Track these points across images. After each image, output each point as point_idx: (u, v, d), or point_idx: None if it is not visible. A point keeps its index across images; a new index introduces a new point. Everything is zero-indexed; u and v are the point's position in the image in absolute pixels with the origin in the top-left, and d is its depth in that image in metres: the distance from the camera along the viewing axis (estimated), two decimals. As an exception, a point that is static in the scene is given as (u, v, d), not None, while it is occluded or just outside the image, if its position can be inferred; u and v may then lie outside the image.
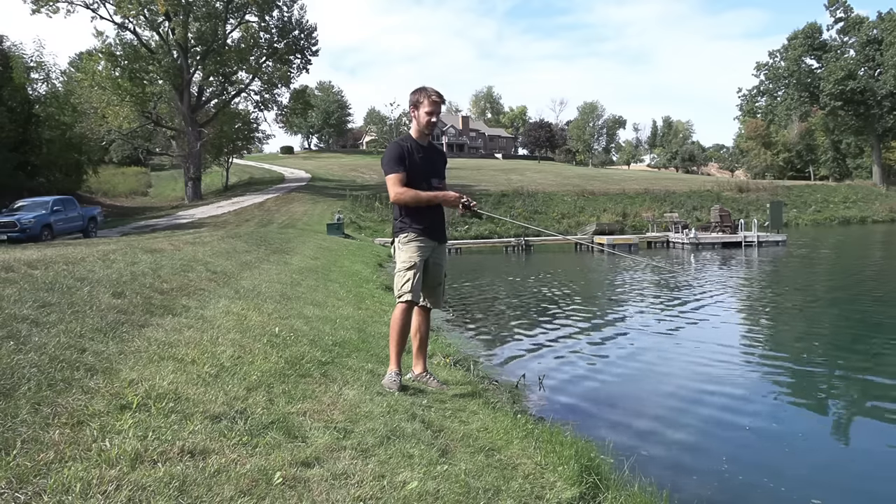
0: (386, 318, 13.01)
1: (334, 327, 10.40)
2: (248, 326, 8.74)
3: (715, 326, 17.53)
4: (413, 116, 7.87)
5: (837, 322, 18.05)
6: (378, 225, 52.80)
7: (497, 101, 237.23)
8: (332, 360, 7.93)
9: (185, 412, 4.99)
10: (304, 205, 60.97)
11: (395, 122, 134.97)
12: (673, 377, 12.17)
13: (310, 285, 15.62)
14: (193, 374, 6.03)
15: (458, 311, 20.26)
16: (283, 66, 72.40)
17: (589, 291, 25.90)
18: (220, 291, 11.46)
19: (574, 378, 12.08)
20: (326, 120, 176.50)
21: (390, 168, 7.63)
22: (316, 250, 27.38)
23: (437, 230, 8.05)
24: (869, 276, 29.55)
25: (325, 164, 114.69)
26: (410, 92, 7.87)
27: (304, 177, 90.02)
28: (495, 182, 80.00)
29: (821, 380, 11.90)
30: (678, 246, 47.35)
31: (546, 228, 60.01)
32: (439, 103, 7.81)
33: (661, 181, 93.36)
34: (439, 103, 7.81)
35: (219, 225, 44.80)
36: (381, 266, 27.19)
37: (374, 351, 9.31)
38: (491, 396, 8.80)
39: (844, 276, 29.21)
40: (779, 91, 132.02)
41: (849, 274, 30.34)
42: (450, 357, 10.75)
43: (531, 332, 16.77)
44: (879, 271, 31.49)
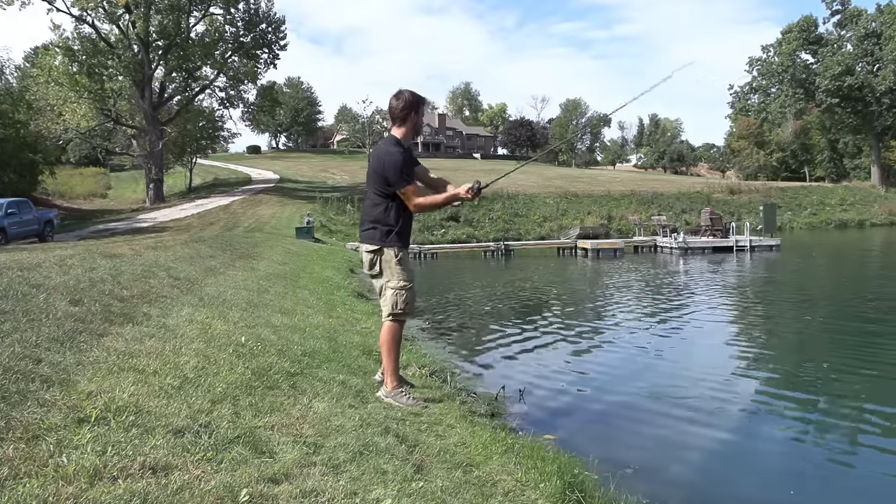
0: (358, 327, 13.04)
1: (304, 336, 10.38)
2: (213, 336, 8.71)
3: (704, 337, 17.64)
4: (409, 119, 8.12)
5: (833, 334, 18.01)
6: (350, 228, 52.60)
7: (475, 97, 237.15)
8: (301, 371, 7.93)
9: (147, 426, 4.98)
10: (272, 207, 60.81)
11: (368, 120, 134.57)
12: (660, 390, 12.19)
13: (278, 292, 15.59)
14: (155, 385, 6.01)
15: (435, 319, 20.27)
16: (249, 61, 72.33)
17: (572, 299, 25.90)
18: (183, 299, 11.42)
19: (557, 390, 12.13)
20: (295, 118, 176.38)
21: (407, 178, 7.87)
22: (284, 255, 27.32)
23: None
24: (867, 282, 29.50)
25: (294, 164, 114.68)
26: (409, 93, 8.16)
27: (272, 178, 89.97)
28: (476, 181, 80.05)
29: (813, 396, 11.94)
30: (666, 251, 47.20)
31: (527, 233, 60.06)
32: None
33: (648, 182, 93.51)
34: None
35: (182, 228, 44.61)
36: (352, 272, 27.12)
37: (345, 361, 9.32)
38: (469, 408, 8.82)
39: (841, 284, 29.10)
40: (772, 88, 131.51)
41: (845, 281, 30.24)
42: (425, 368, 10.74)
43: (511, 342, 16.82)
44: (878, 278, 31.45)
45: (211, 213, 56.58)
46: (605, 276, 33.31)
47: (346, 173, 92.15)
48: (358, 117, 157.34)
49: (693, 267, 36.90)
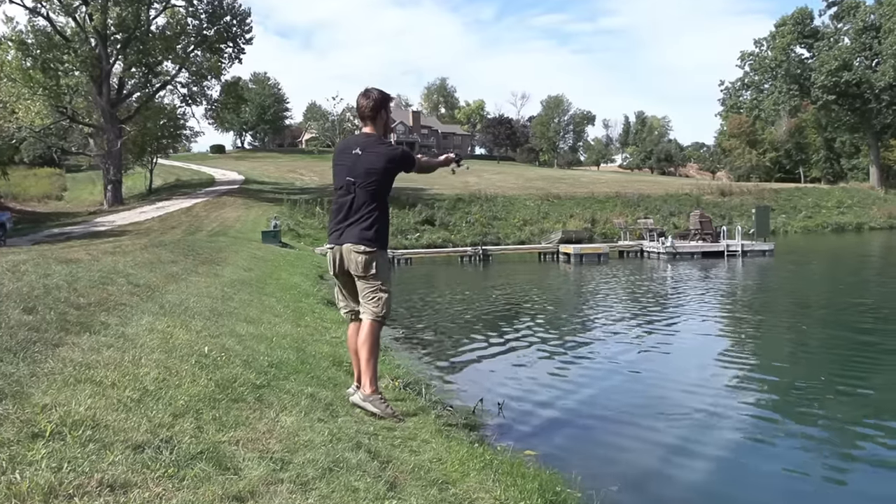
0: (328, 336, 13.02)
1: (270, 346, 10.37)
2: (175, 345, 8.68)
3: (693, 347, 17.66)
4: (380, 117, 8.50)
5: (830, 344, 17.99)
6: (319, 232, 52.47)
7: (452, 94, 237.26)
8: (267, 383, 7.90)
9: (105, 441, 4.96)
10: (237, 210, 60.69)
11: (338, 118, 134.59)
12: (646, 403, 12.23)
13: (243, 300, 15.56)
14: (113, 398, 5.99)
15: (409, 328, 20.29)
16: (213, 55, 72.14)
17: (554, 307, 25.96)
18: (143, 306, 11.38)
19: (538, 403, 12.14)
20: (261, 115, 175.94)
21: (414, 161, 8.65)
22: (250, 260, 27.28)
23: None
24: (866, 290, 29.30)
25: (260, 164, 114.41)
26: (378, 91, 8.52)
27: (237, 179, 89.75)
28: (450, 185, 79.82)
29: (808, 410, 11.88)
30: (653, 256, 47.30)
31: (506, 237, 60.10)
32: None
33: (634, 184, 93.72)
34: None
35: (142, 232, 44.48)
36: (321, 278, 27.06)
37: (314, 373, 9.30)
38: (444, 423, 8.83)
39: (838, 291, 28.81)
40: (765, 84, 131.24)
41: (843, 288, 29.98)
42: (399, 379, 10.73)
43: (490, 352, 16.85)
44: (878, 285, 31.31)
45: (172, 216, 56.42)
46: (588, 282, 33.41)
47: (315, 174, 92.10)
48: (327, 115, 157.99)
49: (682, 273, 37.11)
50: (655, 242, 48.71)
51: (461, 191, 73.16)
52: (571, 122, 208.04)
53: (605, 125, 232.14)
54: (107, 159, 68.03)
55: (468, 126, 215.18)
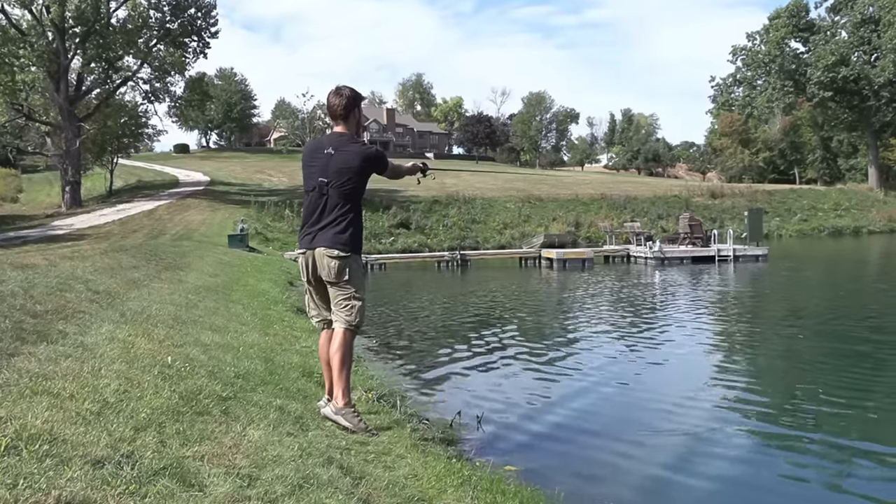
0: (298, 346, 13.02)
1: (237, 356, 10.36)
2: (136, 355, 8.66)
3: (682, 358, 17.60)
4: (352, 115, 8.60)
5: (827, 356, 17.71)
6: (289, 236, 52.39)
7: (428, 90, 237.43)
8: (234, 395, 7.89)
9: (63, 456, 4.94)
10: (202, 213, 60.56)
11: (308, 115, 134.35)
12: (633, 417, 12.24)
13: (208, 307, 15.54)
14: (72, 411, 5.96)
15: (383, 337, 20.26)
16: (176, 49, 71.97)
17: (536, 315, 25.99)
18: (103, 314, 11.36)
19: (518, 416, 12.14)
20: (227, 113, 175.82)
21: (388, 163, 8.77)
22: (215, 266, 27.24)
23: None
24: (865, 298, 28.95)
25: (227, 164, 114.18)
26: (349, 89, 8.66)
27: (202, 180, 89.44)
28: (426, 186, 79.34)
29: (801, 426, 11.73)
30: (640, 261, 47.19)
31: (485, 241, 60.14)
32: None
33: (620, 185, 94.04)
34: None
35: (102, 236, 44.37)
36: (291, 285, 27.04)
37: (283, 384, 9.30)
38: (420, 437, 8.83)
39: (836, 299, 28.62)
40: (758, 80, 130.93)
41: (842, 295, 29.78)
42: (373, 391, 10.72)
43: (468, 363, 16.82)
44: (878, 293, 30.85)
45: (134, 219, 56.28)
46: (572, 289, 33.46)
47: (284, 175, 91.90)
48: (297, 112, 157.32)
49: (670, 279, 37.08)
50: (643, 247, 48.48)
51: (438, 193, 72.96)
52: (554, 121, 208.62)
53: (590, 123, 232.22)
54: (65, 159, 67.68)
55: (445, 124, 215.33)
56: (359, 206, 8.41)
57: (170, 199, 68.65)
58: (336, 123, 8.58)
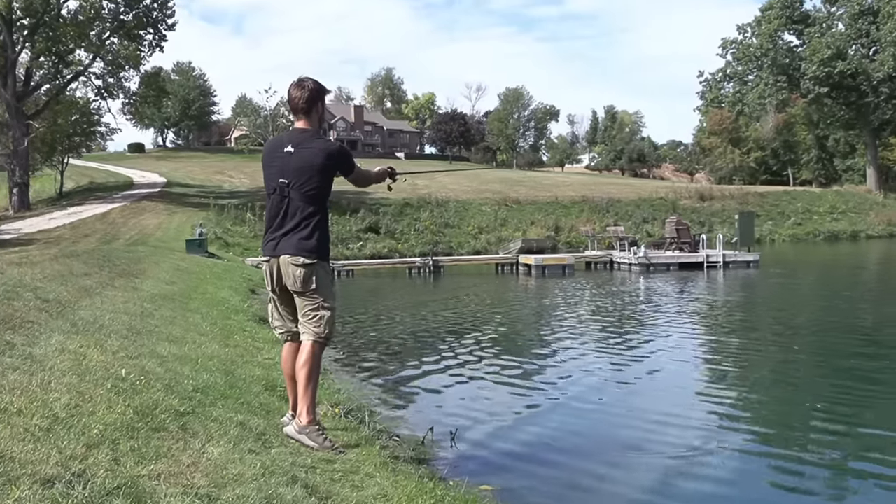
0: (260, 358, 13.01)
1: (195, 369, 10.34)
2: (88, 368, 8.63)
3: (667, 371, 17.54)
4: (315, 110, 8.45)
5: (821, 374, 17.39)
6: (250, 241, 52.31)
7: (398, 86, 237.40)
8: (192, 410, 7.87)
9: (10, 475, 4.93)
10: (158, 216, 60.36)
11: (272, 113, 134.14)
12: (614, 434, 12.30)
13: (165, 317, 15.50)
14: (20, 427, 5.95)
15: (351, 348, 20.25)
16: (131, 42, 71.68)
17: (513, 325, 26.08)
18: (52, 324, 11.32)
19: (494, 433, 12.14)
20: (185, 110, 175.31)
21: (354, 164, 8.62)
22: (173, 273, 27.17)
23: None
24: (863, 308, 28.84)
25: (184, 165, 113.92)
26: (312, 81, 8.50)
27: (158, 181, 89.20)
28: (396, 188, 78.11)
29: (788, 446, 11.67)
30: (624, 267, 47.18)
31: (459, 246, 60.14)
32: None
33: (602, 186, 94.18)
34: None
35: (51, 241, 44.15)
36: (253, 293, 27.00)
37: (244, 398, 9.30)
38: (390, 455, 8.84)
39: (832, 310, 28.31)
40: (750, 75, 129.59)
41: (838, 306, 29.33)
42: (339, 406, 10.71)
43: (441, 376, 16.85)
44: (877, 303, 30.57)
45: (86, 222, 55.95)
46: (551, 297, 33.49)
47: (245, 175, 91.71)
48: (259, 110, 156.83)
49: (656, 287, 37.16)
50: (626, 252, 48.35)
51: (409, 195, 72.87)
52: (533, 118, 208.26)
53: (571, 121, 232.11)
54: (12, 159, 67.25)
55: (417, 122, 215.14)
56: (325, 208, 8.27)
57: (124, 202, 68.36)
58: (297, 118, 8.45)
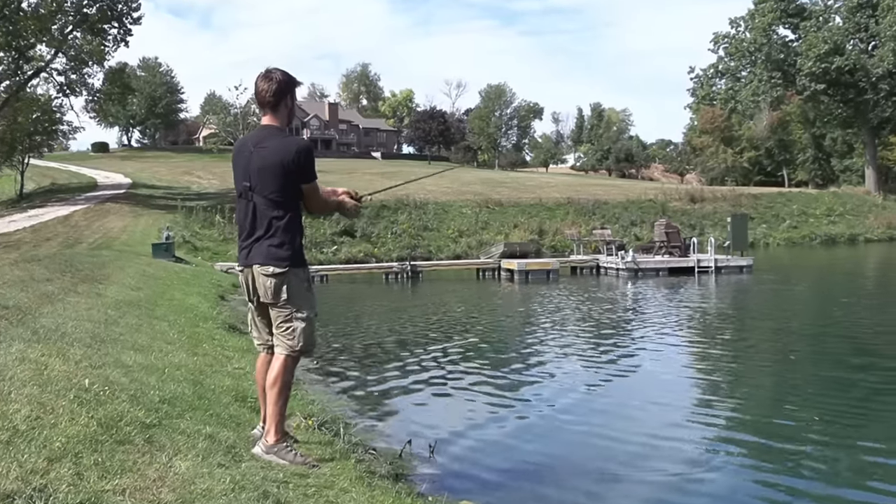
0: (230, 367, 12.99)
1: (162, 379, 10.31)
2: (50, 378, 8.61)
3: (658, 381, 17.56)
4: (283, 104, 8.20)
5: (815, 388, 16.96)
6: (219, 245, 52.31)
7: (375, 83, 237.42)
8: (159, 422, 7.84)
9: (-33, 491, 4.92)
10: (123, 219, 60.22)
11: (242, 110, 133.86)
12: (598, 448, 12.26)
13: (130, 324, 15.45)
14: (-23, 440, 5.94)
15: (325, 358, 20.23)
16: (95, 37, 71.50)
17: (494, 333, 26.07)
18: (12, 332, 11.29)
19: (475, 446, 12.16)
20: (151, 108, 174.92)
21: (315, 173, 8.13)
22: (139, 278, 27.11)
23: None
24: (862, 315, 28.37)
25: (151, 165, 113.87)
26: (281, 73, 8.21)
27: (123, 182, 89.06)
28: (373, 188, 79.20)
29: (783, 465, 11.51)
30: (611, 272, 47.05)
31: (438, 250, 60.07)
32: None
33: (588, 188, 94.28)
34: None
35: (11, 245, 44.03)
36: (222, 299, 26.98)
37: (213, 410, 9.28)
38: (366, 469, 8.83)
39: (829, 318, 28.10)
40: (743, 71, 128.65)
41: (835, 314, 28.96)
42: (313, 418, 10.69)
43: (419, 386, 16.84)
44: (876, 310, 30.27)
45: (47, 225, 55.77)
46: (535, 304, 33.47)
47: (214, 176, 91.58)
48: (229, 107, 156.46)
49: (644, 293, 37.16)
50: (614, 257, 48.22)
51: (386, 196, 72.71)
52: (515, 116, 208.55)
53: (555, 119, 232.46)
54: (-32, 159, 67.24)
55: (394, 120, 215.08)
56: (295, 209, 8.02)
57: (87, 204, 68.12)
58: (264, 113, 8.22)
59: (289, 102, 8.21)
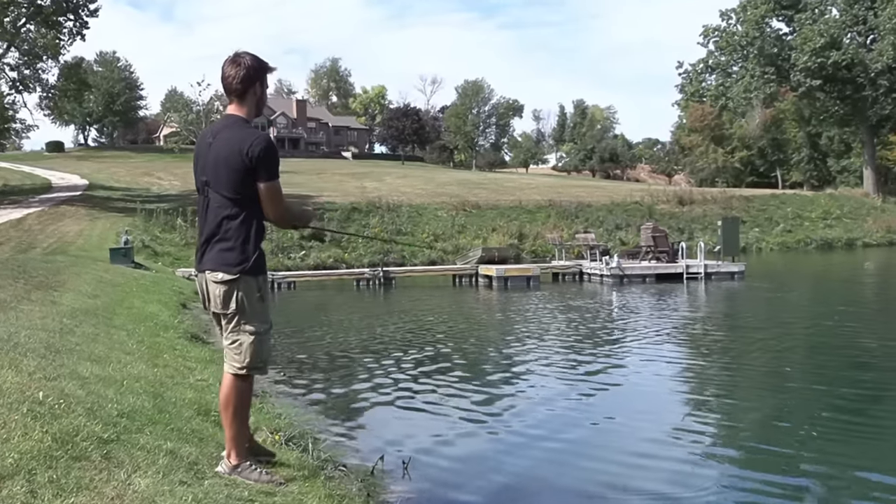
0: (192, 379, 12.96)
1: (120, 392, 10.26)
2: (2, 390, 8.58)
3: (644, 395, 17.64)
4: (250, 93, 7.76)
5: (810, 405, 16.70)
6: (181, 250, 52.18)
7: (345, 78, 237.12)
8: (117, 437, 7.81)
9: (-86, 510, 4.91)
10: (80, 222, 60.01)
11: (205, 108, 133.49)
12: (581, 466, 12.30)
13: (87, 333, 15.41)
14: (-76, 457, 5.93)
15: (292, 368, 20.23)
16: (49, 30, 71.32)
17: (470, 344, 26.02)
18: (-40, 343, 11.28)
19: (450, 462, 12.20)
20: (109, 105, 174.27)
21: (278, 174, 7.64)
22: (96, 285, 27.04)
23: None
24: (860, 325, 28.19)
25: (109, 165, 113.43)
26: (251, 58, 7.74)
27: (80, 184, 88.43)
28: (343, 190, 79.66)
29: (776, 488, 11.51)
30: (595, 279, 46.94)
31: (412, 255, 60.03)
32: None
33: (571, 189, 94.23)
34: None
35: (-41, 250, 43.99)
36: (184, 307, 26.92)
37: (175, 424, 9.22)
38: (337, 487, 8.83)
39: (826, 328, 27.76)
40: (734, 66, 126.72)
41: (831, 323, 28.63)
42: (280, 432, 10.68)
43: (392, 400, 16.83)
44: (876, 319, 30.27)
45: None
46: (514, 312, 33.55)
47: (175, 177, 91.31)
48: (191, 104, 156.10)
49: (630, 301, 37.11)
50: (597, 263, 47.98)
51: (357, 198, 72.81)
52: (494, 114, 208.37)
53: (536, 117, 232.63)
54: (-84, 159, 67.03)
55: (366, 118, 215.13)
56: (253, 210, 7.54)
57: (41, 207, 67.80)
58: (230, 101, 7.78)
59: (258, 90, 7.76)
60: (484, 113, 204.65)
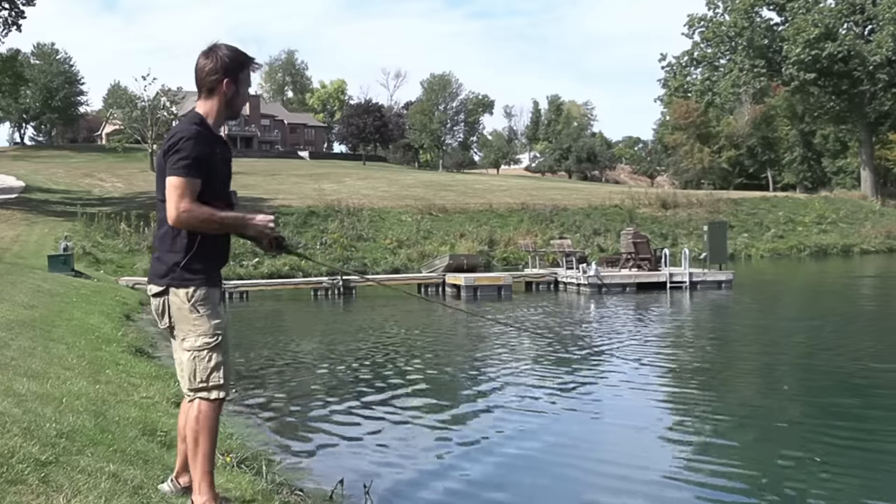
0: (137, 396, 12.96)
1: (60, 410, 10.22)
2: (-70, 409, 8.61)
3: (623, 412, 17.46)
4: (219, 90, 7.30)
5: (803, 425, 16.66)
6: (125, 257, 52.09)
7: (302, 72, 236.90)
8: (56, 459, 7.77)
9: None
10: (15, 227, 59.86)
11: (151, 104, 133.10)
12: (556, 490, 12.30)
13: (23, 347, 15.37)
14: None
15: (243, 386, 20.17)
16: (-17, 20, 71.29)
17: (437, 358, 25.96)
18: None
19: (414, 486, 12.16)
20: (47, 101, 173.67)
21: (187, 168, 6.89)
22: (32, 295, 26.98)
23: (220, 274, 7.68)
24: (859, 337, 28.09)
25: (46, 166, 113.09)
26: (227, 49, 7.36)
27: (15, 185, 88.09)
28: (300, 193, 79.49)
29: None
30: (572, 288, 46.99)
31: (375, 263, 60.02)
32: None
33: (545, 192, 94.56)
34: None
35: None
36: (128, 318, 26.89)
37: (118, 445, 9.20)
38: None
39: (821, 341, 27.48)
40: (722, 58, 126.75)
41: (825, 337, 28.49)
42: (232, 455, 10.66)
43: (351, 419, 16.79)
44: (876, 331, 30.01)
45: (-74, 235, 55.55)
46: (484, 325, 33.30)
47: (118, 178, 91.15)
48: (136, 100, 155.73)
49: (609, 312, 37.17)
50: (574, 271, 47.92)
51: (314, 201, 72.65)
52: (462, 110, 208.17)
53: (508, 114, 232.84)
54: None
55: (324, 115, 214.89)
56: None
57: (-27, 210, 67.69)
58: (199, 97, 7.39)
59: (229, 87, 7.27)
60: (451, 109, 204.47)
